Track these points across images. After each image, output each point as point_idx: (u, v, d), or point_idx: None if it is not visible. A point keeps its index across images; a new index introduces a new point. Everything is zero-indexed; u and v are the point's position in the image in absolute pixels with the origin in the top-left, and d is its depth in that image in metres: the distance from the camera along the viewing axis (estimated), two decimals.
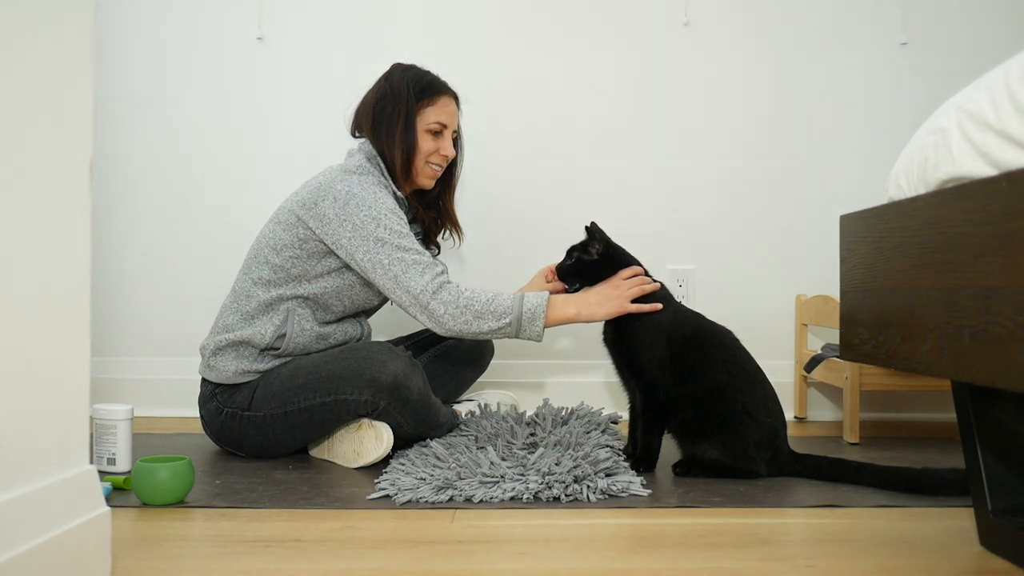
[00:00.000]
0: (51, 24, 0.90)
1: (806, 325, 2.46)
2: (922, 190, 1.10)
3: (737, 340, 1.74)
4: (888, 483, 1.57)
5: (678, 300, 1.83)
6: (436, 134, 1.94)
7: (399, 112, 1.90)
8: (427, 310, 1.75)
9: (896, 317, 1.11)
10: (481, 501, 1.46)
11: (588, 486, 1.51)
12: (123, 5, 2.52)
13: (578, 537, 1.28)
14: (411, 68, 1.97)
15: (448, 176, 2.05)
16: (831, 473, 1.64)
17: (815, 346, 2.46)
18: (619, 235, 1.96)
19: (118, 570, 1.10)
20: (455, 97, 1.99)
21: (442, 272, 1.79)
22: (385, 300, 1.99)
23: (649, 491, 1.53)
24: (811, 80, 2.54)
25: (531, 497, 1.48)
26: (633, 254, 1.85)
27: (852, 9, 2.54)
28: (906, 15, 2.54)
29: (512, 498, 1.47)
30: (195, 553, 1.20)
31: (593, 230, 1.81)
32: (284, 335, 1.84)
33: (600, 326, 1.82)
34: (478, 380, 2.30)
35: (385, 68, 2.00)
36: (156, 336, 2.51)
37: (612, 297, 1.75)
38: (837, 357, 2.17)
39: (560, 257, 1.90)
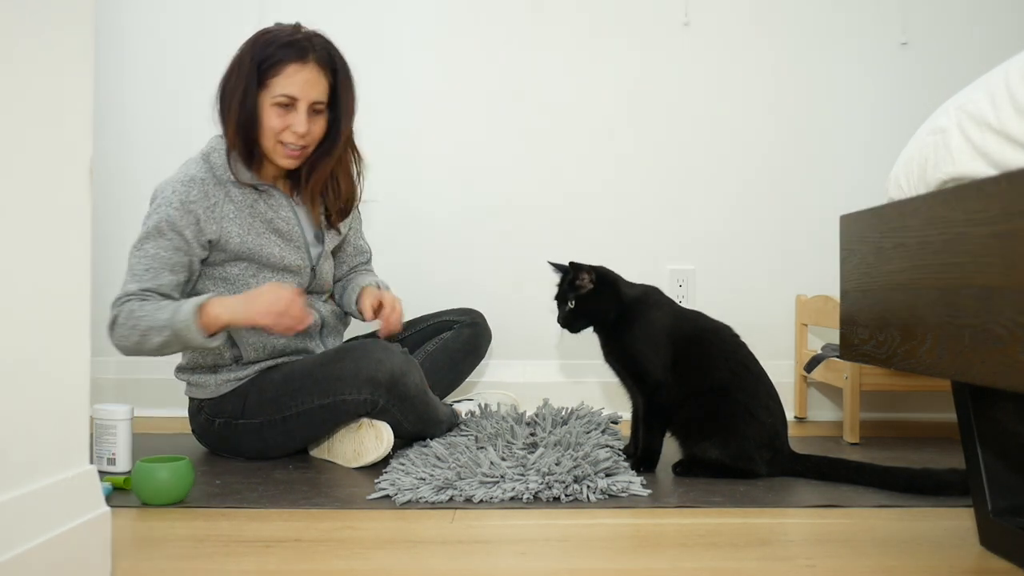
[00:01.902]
0: (51, 24, 0.90)
1: (806, 325, 2.46)
2: (922, 190, 1.10)
3: (738, 337, 1.74)
4: (888, 483, 1.57)
5: (678, 301, 1.82)
6: (286, 108, 1.73)
7: (238, 85, 1.72)
8: (110, 336, 1.69)
9: (896, 317, 1.11)
10: (481, 501, 1.46)
11: (588, 486, 1.51)
12: (123, 5, 2.52)
13: (578, 537, 1.28)
14: (267, 32, 1.77)
15: (325, 154, 1.82)
16: (831, 473, 1.63)
17: (815, 346, 2.46)
18: (619, 235, 1.96)
19: (118, 570, 1.10)
20: (318, 62, 1.74)
21: (129, 296, 1.69)
22: (311, 280, 1.90)
23: (649, 491, 1.53)
24: (811, 80, 2.54)
25: (531, 497, 1.48)
26: (632, 255, 1.85)
27: (852, 9, 2.54)
28: (906, 15, 2.54)
29: (512, 498, 1.47)
30: (195, 553, 1.20)
31: (576, 265, 1.70)
32: (235, 344, 1.81)
33: (598, 344, 1.80)
34: (478, 380, 2.30)
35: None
36: None
37: (258, 302, 1.65)
38: (837, 357, 2.17)
39: (561, 259, 1.88)
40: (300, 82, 1.73)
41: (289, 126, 1.74)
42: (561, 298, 1.74)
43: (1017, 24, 2.52)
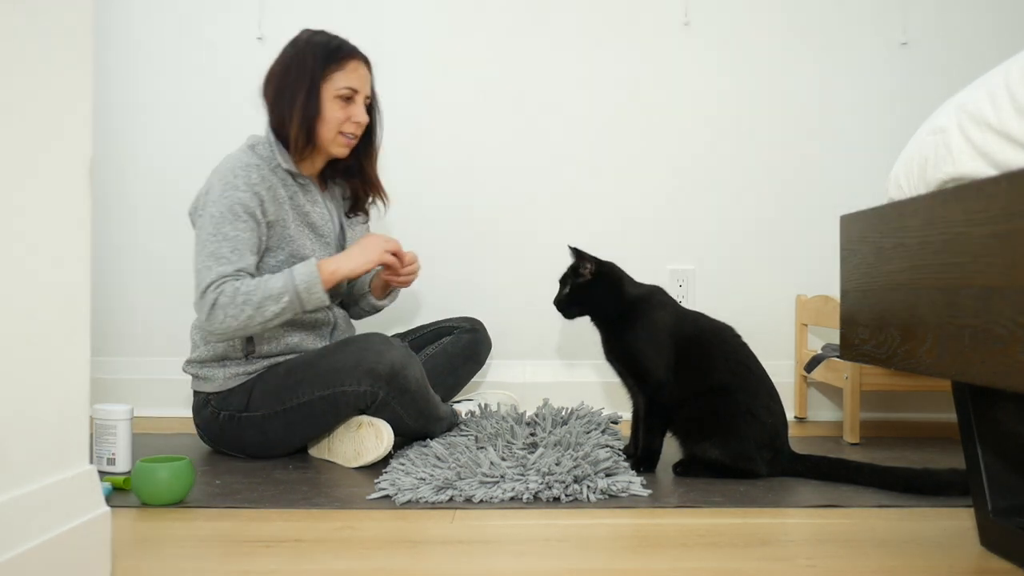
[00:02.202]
0: (51, 24, 0.90)
1: (806, 325, 2.46)
2: (922, 190, 1.10)
3: (739, 337, 1.74)
4: (888, 483, 1.57)
5: (678, 301, 1.83)
6: (347, 100, 1.86)
7: (303, 79, 1.82)
8: (210, 314, 1.71)
9: (896, 317, 1.11)
10: (481, 501, 1.46)
11: (588, 486, 1.51)
12: (123, 5, 2.52)
13: (578, 537, 1.28)
14: (319, 32, 1.90)
15: (367, 143, 1.98)
16: (831, 473, 1.64)
17: (815, 346, 2.46)
18: (619, 235, 1.96)
19: (118, 570, 1.10)
20: (365, 61, 1.90)
21: (224, 279, 1.72)
22: (341, 285, 1.96)
23: (649, 491, 1.53)
24: (811, 80, 2.54)
25: (531, 497, 1.48)
26: (632, 255, 1.85)
27: (852, 9, 2.54)
28: (906, 15, 2.54)
29: (512, 498, 1.47)
30: (195, 553, 1.20)
31: (578, 252, 1.74)
32: (251, 337, 1.83)
33: (599, 341, 1.80)
34: (478, 380, 2.30)
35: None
36: (156, 336, 2.51)
37: (369, 247, 1.81)
38: (837, 357, 2.17)
39: (556, 261, 1.88)
40: (360, 76, 1.88)
41: (350, 116, 1.87)
42: (563, 281, 1.78)
43: (1017, 24, 2.52)
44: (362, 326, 2.16)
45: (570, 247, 1.76)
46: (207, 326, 1.74)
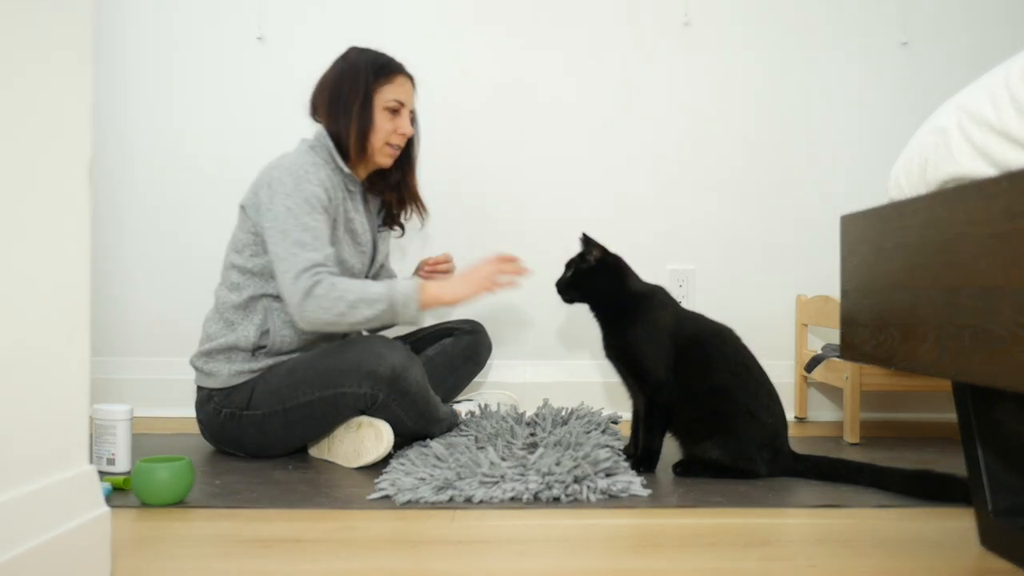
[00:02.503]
0: (51, 24, 0.90)
1: (806, 325, 2.46)
2: (922, 190, 1.10)
3: (739, 339, 1.74)
4: (887, 484, 1.56)
5: (677, 301, 1.83)
6: (394, 112, 1.92)
7: (357, 91, 1.89)
8: (301, 307, 1.72)
9: (896, 317, 1.11)
10: (481, 501, 1.46)
11: (588, 486, 1.51)
12: (123, 5, 2.52)
13: (578, 537, 1.28)
14: (367, 50, 1.96)
15: (407, 155, 2.04)
16: (831, 473, 1.64)
17: (815, 346, 2.46)
18: (619, 235, 1.96)
19: (118, 570, 1.10)
20: (410, 77, 1.98)
21: (320, 267, 1.74)
22: None
23: (649, 491, 1.53)
24: (811, 80, 2.54)
25: (531, 497, 1.48)
26: (633, 255, 1.85)
27: (852, 9, 2.54)
28: (906, 15, 2.54)
29: (512, 498, 1.47)
30: (195, 553, 1.20)
31: (588, 239, 1.79)
32: (268, 331, 1.84)
33: (599, 339, 1.81)
34: (478, 380, 2.30)
35: None
36: (156, 336, 2.51)
37: (474, 279, 1.82)
38: (837, 357, 2.17)
39: (559, 260, 1.89)
40: (406, 91, 1.96)
41: (397, 128, 1.93)
42: (568, 265, 1.82)
43: (1017, 24, 2.52)
44: None
45: (582, 235, 1.79)
46: (299, 312, 1.73)
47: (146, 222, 2.52)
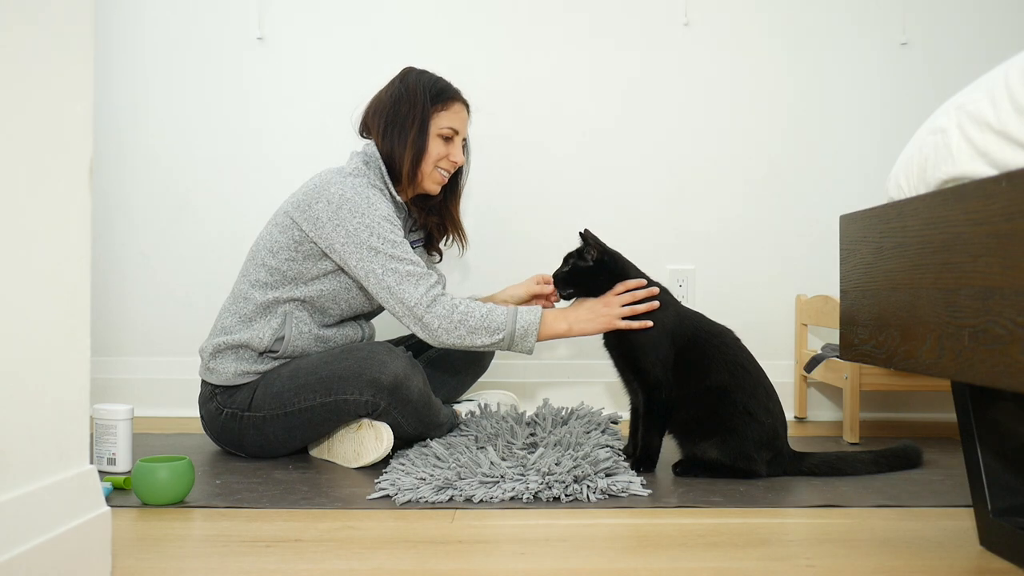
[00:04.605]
0: (51, 24, 0.90)
1: (806, 325, 2.46)
2: (922, 190, 1.10)
3: (738, 340, 1.74)
4: (884, 464, 1.67)
5: (678, 300, 1.83)
6: (447, 139, 1.92)
7: (414, 115, 1.88)
8: (421, 322, 1.74)
9: (896, 317, 1.11)
10: (481, 501, 1.46)
11: (588, 486, 1.51)
12: (123, 5, 2.52)
13: (578, 537, 1.28)
14: (425, 72, 1.96)
15: (454, 183, 2.03)
16: (830, 469, 1.67)
17: (815, 346, 2.46)
18: (619, 235, 1.96)
19: (118, 570, 1.10)
20: (466, 104, 1.98)
21: (436, 283, 1.77)
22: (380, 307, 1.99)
23: (649, 491, 1.53)
24: (811, 80, 2.54)
25: (531, 497, 1.48)
26: (632, 255, 1.85)
27: (852, 9, 2.54)
28: (906, 15, 2.54)
29: (512, 498, 1.47)
30: (195, 553, 1.20)
31: (587, 236, 1.80)
32: (282, 338, 1.83)
33: (599, 337, 1.80)
34: (478, 380, 2.30)
35: (385, 68, 2.00)
36: (156, 336, 2.51)
37: (602, 313, 1.75)
38: (837, 357, 2.17)
39: (557, 258, 1.89)
40: (462, 119, 1.96)
41: (448, 155, 1.93)
42: (567, 259, 1.83)
43: (1017, 24, 2.52)
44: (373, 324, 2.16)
45: (581, 232, 1.79)
46: (421, 328, 1.74)
47: (146, 221, 2.52)
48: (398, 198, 1.91)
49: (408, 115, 1.88)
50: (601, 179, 2.54)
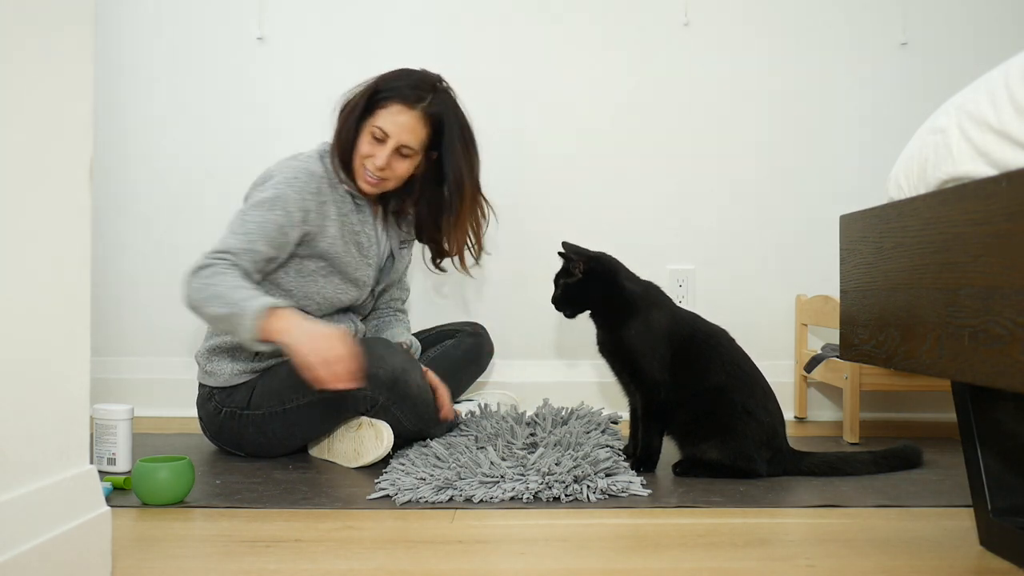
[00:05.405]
0: (51, 25, 0.90)
1: (806, 325, 2.46)
2: (922, 190, 1.10)
3: (733, 340, 1.74)
4: (884, 464, 1.67)
5: (678, 301, 1.83)
6: (379, 141, 1.83)
7: (354, 105, 1.86)
8: (184, 282, 1.69)
9: (896, 317, 1.11)
10: (481, 501, 1.46)
11: (588, 486, 1.51)
12: (123, 6, 2.52)
13: (578, 537, 1.28)
14: (407, 71, 1.90)
15: (436, 199, 1.94)
16: (830, 469, 1.66)
17: (815, 346, 2.46)
18: (619, 235, 1.96)
19: (118, 570, 1.10)
20: (423, 112, 1.83)
21: (226, 253, 1.70)
22: (367, 298, 1.99)
23: (649, 491, 1.53)
24: (811, 80, 2.54)
25: (531, 497, 1.48)
26: (632, 255, 1.84)
27: (852, 9, 2.54)
28: (906, 15, 2.54)
29: (512, 498, 1.47)
30: (195, 553, 1.20)
31: (568, 250, 1.74)
32: None
33: (594, 336, 1.80)
34: (478, 380, 2.30)
35: (384, 68, 1.99)
36: (156, 336, 2.51)
37: (323, 360, 1.60)
38: (837, 357, 2.17)
39: (556, 258, 1.88)
40: (398, 123, 1.82)
41: (372, 156, 1.83)
42: (556, 281, 1.78)
43: (1017, 24, 2.52)
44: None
45: (561, 246, 1.75)
46: (185, 287, 1.70)
47: (146, 221, 2.52)
48: (344, 186, 1.87)
49: (354, 104, 1.86)
50: (601, 179, 2.53)
